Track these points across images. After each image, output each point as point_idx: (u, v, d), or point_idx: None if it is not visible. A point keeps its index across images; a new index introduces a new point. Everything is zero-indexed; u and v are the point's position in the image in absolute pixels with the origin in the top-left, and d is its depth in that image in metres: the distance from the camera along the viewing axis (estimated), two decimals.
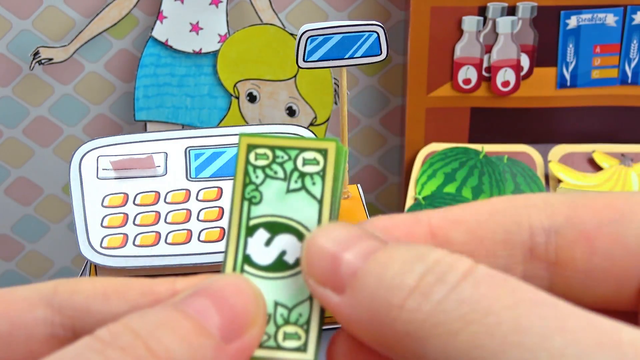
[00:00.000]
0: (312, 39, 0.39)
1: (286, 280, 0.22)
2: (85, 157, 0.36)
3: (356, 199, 0.41)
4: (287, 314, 0.22)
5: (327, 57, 0.40)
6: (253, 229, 0.22)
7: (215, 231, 0.36)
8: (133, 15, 0.88)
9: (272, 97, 0.87)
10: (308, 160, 0.22)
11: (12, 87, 0.91)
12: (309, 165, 0.22)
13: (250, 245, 0.22)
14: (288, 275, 0.22)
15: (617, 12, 0.84)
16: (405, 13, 0.88)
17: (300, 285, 0.22)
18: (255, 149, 0.22)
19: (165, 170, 0.38)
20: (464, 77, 0.86)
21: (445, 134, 0.88)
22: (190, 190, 0.37)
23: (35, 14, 0.88)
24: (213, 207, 0.37)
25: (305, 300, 0.22)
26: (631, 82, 0.86)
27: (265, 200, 0.22)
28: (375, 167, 0.96)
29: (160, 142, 0.38)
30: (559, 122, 0.88)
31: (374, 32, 0.40)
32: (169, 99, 0.88)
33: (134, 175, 0.36)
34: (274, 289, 0.22)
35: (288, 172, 0.22)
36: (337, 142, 0.22)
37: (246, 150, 0.22)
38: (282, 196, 0.22)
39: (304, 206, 0.22)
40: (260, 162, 0.22)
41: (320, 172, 0.22)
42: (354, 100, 0.93)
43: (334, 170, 0.22)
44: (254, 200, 0.22)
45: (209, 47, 0.87)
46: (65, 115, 0.92)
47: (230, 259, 0.22)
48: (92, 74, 0.91)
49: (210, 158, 0.38)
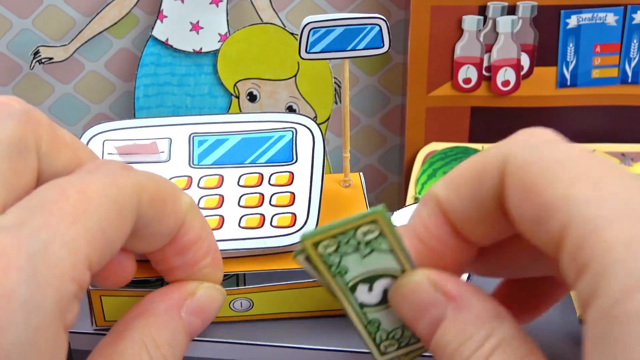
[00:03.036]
0: (315, 31, 0.39)
1: (390, 309, 0.28)
2: (91, 140, 0.36)
3: (357, 187, 0.41)
4: (386, 335, 0.28)
5: (330, 48, 0.40)
6: (353, 288, 0.27)
7: (214, 219, 0.35)
8: (133, 15, 0.88)
9: (272, 96, 0.87)
10: (366, 232, 0.26)
11: (12, 86, 0.90)
12: (369, 235, 0.26)
13: (358, 296, 0.27)
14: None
15: (617, 11, 0.84)
16: (405, 12, 0.88)
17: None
18: (320, 243, 0.26)
19: (168, 156, 0.38)
20: (464, 77, 0.86)
21: (445, 133, 0.88)
22: (192, 177, 0.37)
23: (35, 13, 0.88)
24: (214, 195, 0.36)
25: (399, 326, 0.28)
26: (631, 81, 0.86)
27: (351, 269, 0.27)
28: (375, 167, 0.96)
29: (166, 127, 0.38)
30: (559, 122, 0.88)
31: (376, 25, 0.40)
32: (169, 98, 0.88)
33: (138, 161, 0.36)
34: (393, 314, 0.28)
35: (355, 245, 0.26)
36: (382, 209, 0.26)
37: (315, 249, 0.26)
38: (360, 261, 0.27)
39: (382, 259, 0.27)
40: (330, 249, 0.26)
41: (379, 235, 0.26)
42: (354, 100, 0.93)
43: (389, 228, 0.26)
44: (341, 273, 0.27)
45: (209, 47, 0.87)
46: (65, 115, 0.92)
47: (352, 313, 0.28)
48: (92, 73, 0.91)
49: (214, 145, 0.38)
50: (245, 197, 0.36)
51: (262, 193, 0.36)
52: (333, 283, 0.27)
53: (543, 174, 0.23)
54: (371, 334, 0.28)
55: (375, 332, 0.28)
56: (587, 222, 0.21)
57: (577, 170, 0.22)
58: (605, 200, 0.21)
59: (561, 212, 0.22)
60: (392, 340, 0.28)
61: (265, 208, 0.36)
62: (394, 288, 0.27)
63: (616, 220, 0.21)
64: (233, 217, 0.35)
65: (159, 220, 0.26)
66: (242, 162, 0.38)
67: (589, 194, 0.22)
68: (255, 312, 0.35)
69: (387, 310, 0.28)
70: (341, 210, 0.39)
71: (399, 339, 0.29)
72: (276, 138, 0.39)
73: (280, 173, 0.37)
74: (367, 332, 0.28)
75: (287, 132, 0.39)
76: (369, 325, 0.28)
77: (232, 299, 0.35)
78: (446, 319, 0.26)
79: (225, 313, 0.35)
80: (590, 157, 0.23)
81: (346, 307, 0.28)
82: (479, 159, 0.26)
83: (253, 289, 0.34)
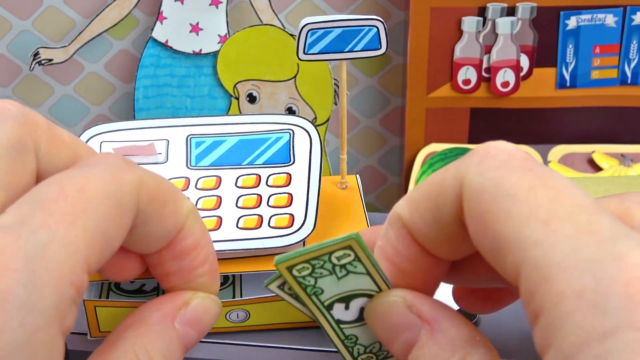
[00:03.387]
0: (313, 32, 0.39)
1: (366, 326, 0.28)
2: (89, 142, 0.36)
3: (354, 190, 0.41)
4: (364, 349, 0.28)
5: (327, 50, 0.40)
6: (329, 306, 0.27)
7: (212, 220, 0.35)
8: (133, 16, 0.88)
9: (272, 97, 0.87)
10: (340, 256, 0.26)
11: (12, 87, 0.91)
12: (344, 259, 0.26)
13: (335, 314, 0.27)
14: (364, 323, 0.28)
15: (616, 12, 0.84)
16: (405, 13, 0.88)
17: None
18: (294, 267, 0.26)
19: (166, 157, 0.38)
20: (464, 78, 0.86)
21: (445, 134, 0.88)
22: (190, 179, 0.37)
23: (35, 15, 0.88)
24: (211, 196, 0.36)
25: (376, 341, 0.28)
26: (631, 82, 0.86)
27: (326, 290, 0.27)
28: (375, 168, 0.96)
29: (163, 129, 0.38)
30: (559, 123, 0.88)
31: (373, 27, 0.40)
32: (169, 100, 0.88)
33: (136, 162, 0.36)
34: (370, 331, 0.28)
35: (330, 268, 0.26)
36: (357, 236, 0.26)
37: (289, 272, 0.26)
38: (336, 282, 0.26)
39: (358, 280, 0.26)
40: (305, 272, 0.26)
41: (355, 259, 0.26)
42: (354, 101, 0.93)
43: (364, 252, 0.26)
44: (317, 293, 0.27)
45: (209, 48, 0.87)
46: (65, 116, 0.92)
47: (330, 329, 0.28)
48: (92, 75, 0.91)
49: (211, 146, 0.38)
50: (243, 198, 0.36)
51: (259, 194, 0.37)
52: (309, 302, 0.27)
53: (495, 207, 0.22)
54: (348, 348, 0.28)
55: (352, 347, 0.28)
56: (538, 269, 0.21)
57: (528, 206, 0.22)
58: (555, 244, 0.21)
59: (513, 252, 0.22)
60: (369, 354, 0.28)
61: (263, 209, 0.36)
62: (369, 307, 0.27)
63: (567, 269, 0.20)
64: (231, 218, 0.35)
65: (157, 219, 0.26)
66: (239, 163, 0.38)
67: (539, 236, 0.21)
68: (251, 322, 0.35)
69: (364, 326, 0.28)
70: (338, 212, 0.39)
71: (376, 352, 0.28)
72: (273, 140, 0.39)
73: (277, 174, 0.37)
74: (345, 347, 0.28)
75: (284, 134, 0.39)
76: (346, 340, 0.28)
77: (228, 310, 0.35)
78: (420, 341, 0.25)
79: (221, 324, 0.35)
80: (543, 187, 0.22)
81: (323, 323, 0.28)
82: (438, 180, 0.25)
83: (249, 300, 0.34)
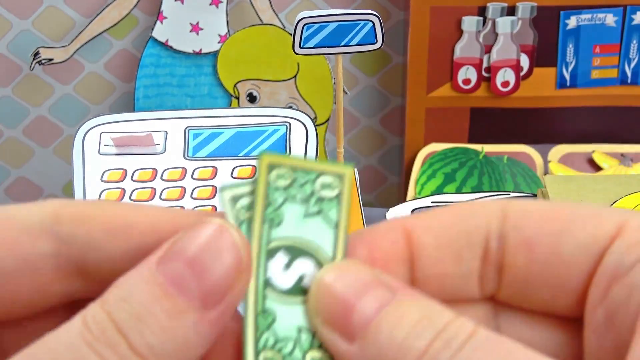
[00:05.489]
0: (309, 27, 0.40)
1: (295, 307, 0.23)
2: (89, 132, 0.36)
3: None
4: (311, 339, 0.22)
5: (323, 44, 0.40)
6: (273, 251, 0.23)
7: (207, 209, 0.36)
8: (133, 16, 0.88)
9: (272, 97, 0.87)
10: (325, 185, 0.23)
11: (12, 87, 0.91)
12: (326, 190, 0.23)
13: (270, 268, 0.23)
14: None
15: (616, 12, 0.84)
16: (405, 13, 0.88)
17: None
18: (276, 168, 0.23)
19: (164, 148, 0.38)
20: (464, 77, 0.86)
21: (445, 134, 0.88)
22: (187, 169, 0.37)
23: (35, 14, 0.88)
24: (207, 186, 0.37)
25: None
26: (631, 82, 0.86)
27: (285, 223, 0.23)
28: (375, 167, 0.96)
29: (162, 120, 0.38)
30: (559, 122, 0.88)
31: (369, 21, 0.40)
32: (169, 99, 0.88)
33: (134, 152, 0.36)
34: (297, 314, 0.23)
35: (306, 196, 0.23)
36: (353, 169, 0.23)
37: (267, 170, 0.23)
38: (301, 220, 0.23)
39: (321, 231, 0.23)
40: (281, 183, 0.23)
41: (336, 197, 0.23)
42: (354, 100, 0.93)
43: (348, 193, 0.23)
44: (274, 221, 0.23)
45: (209, 48, 0.87)
46: (65, 116, 0.92)
47: (252, 281, 0.22)
48: (92, 74, 0.91)
49: (208, 138, 0.38)
50: None
51: None
52: (257, 232, 0.23)
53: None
54: (257, 331, 0.22)
55: (263, 331, 0.22)
56: None
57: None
58: None
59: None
60: (276, 353, 0.22)
61: None
62: (326, 268, 0.22)
63: None
64: None
65: None
66: (236, 154, 0.38)
67: None
68: None
69: (291, 306, 0.22)
70: None
71: (285, 355, 0.22)
72: (270, 132, 0.39)
73: None
74: (254, 327, 0.22)
75: (280, 127, 0.39)
76: (260, 317, 0.22)
77: None
78: (394, 300, 0.21)
79: None
80: None
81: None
82: (465, 212, 0.24)
83: None
